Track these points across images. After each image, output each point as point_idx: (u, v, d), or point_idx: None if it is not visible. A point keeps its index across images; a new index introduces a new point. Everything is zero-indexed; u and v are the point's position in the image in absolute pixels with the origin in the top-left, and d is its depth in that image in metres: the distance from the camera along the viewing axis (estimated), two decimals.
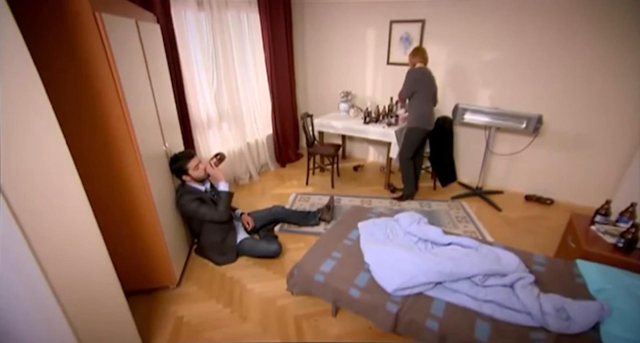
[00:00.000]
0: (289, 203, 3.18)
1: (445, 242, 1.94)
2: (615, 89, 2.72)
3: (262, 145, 3.86)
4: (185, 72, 2.72)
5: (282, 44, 3.71)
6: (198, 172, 2.18)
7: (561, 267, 1.76)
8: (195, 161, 2.18)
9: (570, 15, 2.68)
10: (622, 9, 2.50)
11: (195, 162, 2.17)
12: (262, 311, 1.94)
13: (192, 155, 2.19)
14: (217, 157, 2.28)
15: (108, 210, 1.71)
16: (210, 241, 2.28)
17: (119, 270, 1.43)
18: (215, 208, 2.16)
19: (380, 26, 3.58)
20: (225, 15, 3.03)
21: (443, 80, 3.45)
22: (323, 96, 4.27)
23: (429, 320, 1.45)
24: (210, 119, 3.16)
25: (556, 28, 2.76)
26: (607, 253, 1.76)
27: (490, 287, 1.58)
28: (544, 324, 1.36)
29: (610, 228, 1.91)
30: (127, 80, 1.52)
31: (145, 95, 1.80)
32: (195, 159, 2.19)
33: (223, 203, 2.18)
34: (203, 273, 2.25)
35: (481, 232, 2.72)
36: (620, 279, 1.51)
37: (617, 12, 2.52)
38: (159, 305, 1.98)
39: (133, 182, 1.70)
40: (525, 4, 2.82)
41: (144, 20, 1.84)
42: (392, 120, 3.28)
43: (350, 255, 1.85)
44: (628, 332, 1.25)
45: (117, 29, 1.46)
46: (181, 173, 2.17)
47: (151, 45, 1.89)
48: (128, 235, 1.84)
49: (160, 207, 1.87)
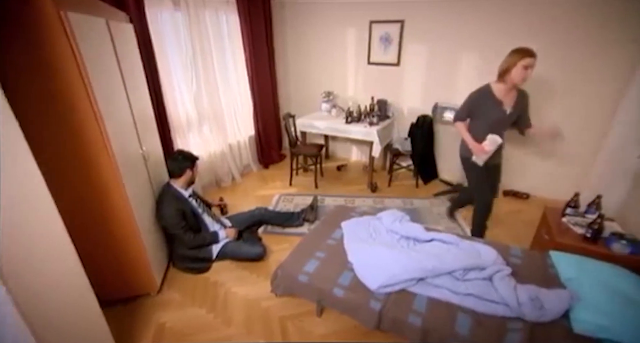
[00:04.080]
0: (273, 204, 3.16)
1: (427, 239, 1.98)
2: (582, 87, 2.85)
3: (244, 147, 3.81)
4: (162, 73, 2.65)
5: (262, 44, 3.68)
6: (193, 174, 2.26)
7: (536, 258, 1.83)
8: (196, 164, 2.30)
9: (545, 16, 2.78)
10: (593, 11, 2.62)
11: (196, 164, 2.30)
12: (247, 314, 1.92)
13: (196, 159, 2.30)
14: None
15: (83, 218, 1.66)
16: (185, 251, 2.23)
17: (97, 280, 1.39)
18: (194, 235, 2.19)
19: (360, 26, 3.61)
20: (203, 15, 2.97)
21: (422, 79, 3.52)
22: (305, 96, 4.27)
23: (411, 316, 1.47)
24: (190, 120, 3.10)
25: (532, 29, 2.86)
26: (577, 244, 1.85)
27: (470, 280, 1.63)
28: (520, 314, 1.41)
29: (580, 219, 2.00)
30: (98, 82, 1.47)
31: (119, 98, 1.74)
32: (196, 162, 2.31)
33: (203, 240, 2.23)
34: (185, 278, 2.21)
35: (462, 227, 2.79)
36: (588, 267, 1.59)
37: (590, 14, 2.64)
38: (140, 313, 1.92)
39: (109, 188, 1.64)
40: (502, 6, 2.91)
41: (116, 20, 1.78)
42: (374, 120, 3.32)
43: (334, 254, 1.86)
44: (594, 317, 1.32)
45: (85, 28, 1.41)
46: (178, 173, 2.19)
47: (124, 46, 1.83)
48: (105, 243, 1.78)
49: (138, 213, 1.81)
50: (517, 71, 1.93)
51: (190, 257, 2.24)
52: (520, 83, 1.97)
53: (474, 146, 2.13)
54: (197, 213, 2.27)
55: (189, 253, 2.22)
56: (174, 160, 2.19)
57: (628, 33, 2.55)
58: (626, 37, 2.57)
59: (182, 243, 2.19)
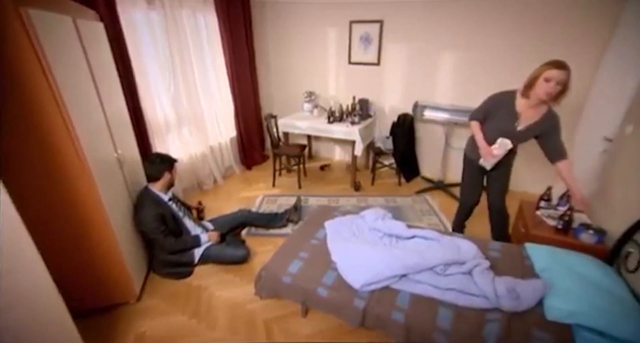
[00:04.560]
0: (256, 206, 3.13)
1: (409, 236, 2.00)
2: None
3: (226, 148, 3.76)
4: (137, 74, 2.57)
5: (242, 44, 3.64)
6: (172, 177, 2.22)
7: (513, 251, 1.89)
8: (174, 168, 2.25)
9: (521, 16, 2.88)
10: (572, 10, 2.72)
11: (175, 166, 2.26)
12: (231, 318, 1.89)
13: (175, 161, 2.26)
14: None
15: (54, 226, 1.59)
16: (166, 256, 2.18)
17: (71, 290, 1.32)
18: (175, 239, 2.13)
19: (341, 26, 3.64)
20: (180, 15, 2.91)
21: (403, 78, 3.57)
22: (287, 96, 4.25)
23: (394, 312, 1.49)
24: (168, 122, 3.03)
25: (509, 29, 2.95)
26: (550, 235, 1.93)
27: (451, 275, 1.66)
28: (498, 305, 1.46)
29: (552, 212, 2.09)
30: (66, 83, 1.41)
31: (90, 99, 1.68)
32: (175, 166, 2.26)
33: (184, 245, 2.19)
34: (167, 284, 2.15)
35: (444, 223, 2.85)
36: (559, 257, 1.67)
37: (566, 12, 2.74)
38: (118, 323, 1.85)
39: (81, 194, 1.58)
40: (479, 6, 2.99)
41: (84, 18, 1.70)
42: (356, 119, 3.34)
43: (318, 254, 1.86)
44: (565, 303, 1.39)
45: (49, 27, 1.34)
46: (157, 176, 2.14)
47: (94, 46, 1.76)
48: (79, 251, 1.71)
49: (115, 218, 1.76)
50: (539, 84, 1.71)
51: (172, 262, 2.18)
52: (543, 97, 1.72)
53: (483, 148, 1.97)
54: (178, 217, 2.22)
55: (170, 259, 2.17)
56: (152, 164, 2.14)
57: (590, 30, 2.67)
58: (588, 34, 2.68)
59: (162, 249, 2.13)
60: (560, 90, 1.70)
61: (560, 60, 1.70)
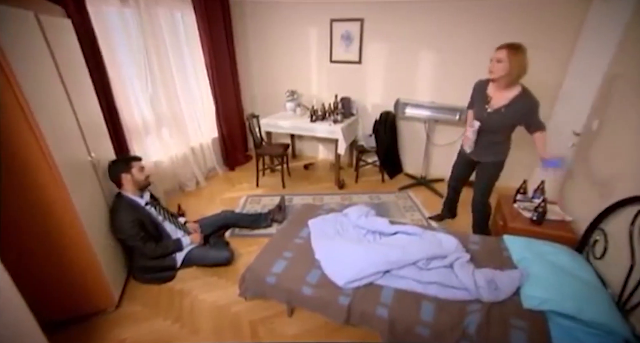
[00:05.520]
0: (240, 206, 3.09)
1: (392, 232, 2.03)
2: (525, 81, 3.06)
3: (208, 149, 3.69)
4: (112, 74, 2.48)
5: (222, 43, 3.57)
6: (140, 175, 2.07)
7: (492, 243, 1.94)
8: (139, 163, 2.09)
9: (500, 16, 2.94)
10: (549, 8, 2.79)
11: (139, 164, 2.09)
12: (215, 321, 1.86)
13: (137, 158, 2.12)
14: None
15: (22, 234, 1.51)
16: (146, 262, 2.12)
17: (44, 301, 1.26)
18: (155, 245, 2.07)
19: (322, 25, 3.63)
20: (156, 13, 2.82)
21: (384, 76, 3.61)
22: (269, 96, 4.22)
23: (379, 308, 1.50)
24: (147, 123, 2.94)
25: (486, 29, 3.02)
26: (526, 227, 2.00)
27: (433, 269, 1.69)
28: (478, 296, 1.50)
29: (528, 204, 2.16)
30: (30, 82, 1.34)
31: (58, 100, 1.60)
32: (139, 162, 2.11)
33: (165, 249, 2.13)
34: (148, 289, 2.09)
35: (427, 219, 2.90)
36: (535, 248, 1.74)
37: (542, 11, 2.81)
38: (96, 332, 1.79)
39: (52, 199, 1.52)
40: (458, 6, 3.04)
41: (48, 14, 1.61)
42: (338, 117, 3.35)
43: (302, 253, 1.85)
44: (541, 291, 1.44)
45: (7, 22, 1.27)
46: (117, 181, 2.02)
47: (61, 43, 1.68)
48: (51, 260, 1.63)
49: (90, 224, 1.69)
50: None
51: (153, 267, 2.12)
52: (490, 75, 1.95)
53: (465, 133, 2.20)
54: (157, 221, 2.15)
55: (151, 264, 2.11)
56: (108, 171, 2.01)
57: (563, 24, 2.76)
58: (561, 28, 2.78)
59: (143, 255, 2.07)
60: (502, 67, 1.86)
61: (505, 43, 1.89)
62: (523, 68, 1.86)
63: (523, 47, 1.85)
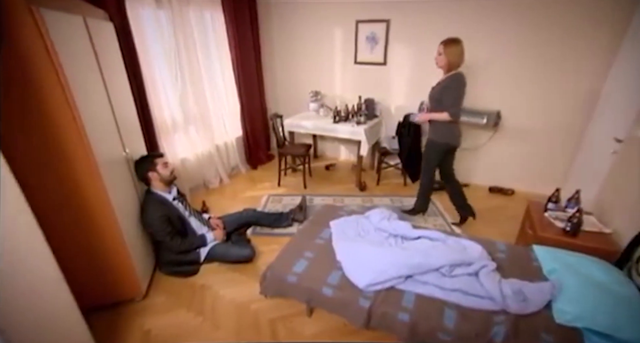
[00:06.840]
0: (261, 205, 3.14)
1: (415, 236, 1.99)
2: (561, 85, 2.93)
3: (232, 148, 3.78)
4: (145, 74, 2.60)
5: (248, 43, 3.65)
6: (165, 171, 2.13)
7: (520, 252, 1.87)
8: (162, 160, 2.15)
9: (526, 16, 2.85)
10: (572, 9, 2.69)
11: (162, 160, 2.14)
12: (236, 317, 1.90)
13: (159, 155, 2.16)
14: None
15: (63, 224, 1.60)
16: (172, 256, 2.19)
17: (79, 287, 1.34)
18: (181, 240, 2.15)
19: (347, 26, 3.62)
20: (187, 13, 2.93)
21: (409, 78, 3.55)
22: (292, 96, 4.26)
23: (400, 313, 1.48)
24: (175, 121, 3.05)
25: (514, 30, 2.93)
26: (558, 237, 1.90)
27: (457, 276, 1.65)
28: (504, 307, 1.44)
29: (560, 214, 2.06)
30: (77, 82, 1.42)
31: (99, 98, 1.70)
32: (162, 158, 2.16)
33: (190, 245, 2.19)
34: (172, 282, 2.17)
35: (449, 224, 2.83)
36: (568, 260, 1.64)
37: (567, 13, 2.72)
38: (123, 320, 1.87)
39: (90, 192, 1.60)
40: (485, 6, 2.96)
41: (94, 18, 1.72)
42: (361, 119, 3.33)
43: (323, 254, 1.86)
44: (573, 307, 1.37)
45: (60, 26, 1.36)
46: (144, 180, 2.09)
47: (104, 45, 1.78)
48: (87, 249, 1.73)
49: (123, 216, 1.77)
50: None
51: (178, 261, 2.20)
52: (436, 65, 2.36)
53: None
54: (183, 216, 2.23)
55: (176, 258, 2.18)
56: (135, 171, 2.08)
57: (604, 30, 2.63)
58: (602, 34, 2.65)
59: (168, 249, 2.15)
60: (441, 59, 2.31)
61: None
62: (458, 57, 2.26)
63: (457, 40, 2.25)
